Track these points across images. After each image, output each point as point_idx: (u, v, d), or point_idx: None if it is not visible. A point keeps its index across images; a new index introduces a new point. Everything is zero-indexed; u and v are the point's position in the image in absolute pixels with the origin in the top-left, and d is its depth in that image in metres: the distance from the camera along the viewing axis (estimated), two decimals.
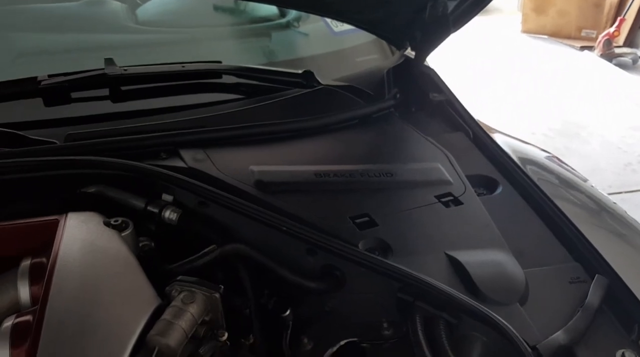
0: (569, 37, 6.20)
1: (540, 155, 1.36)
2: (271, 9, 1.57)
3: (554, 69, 5.26)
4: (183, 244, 0.91)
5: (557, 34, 6.29)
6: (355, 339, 0.83)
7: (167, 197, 0.92)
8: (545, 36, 6.33)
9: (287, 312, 0.84)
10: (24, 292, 0.76)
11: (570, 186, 1.22)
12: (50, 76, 1.07)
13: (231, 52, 1.45)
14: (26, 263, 0.79)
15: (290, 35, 1.48)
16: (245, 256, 0.83)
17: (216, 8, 1.63)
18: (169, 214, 0.89)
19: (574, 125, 4.06)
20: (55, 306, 0.66)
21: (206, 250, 0.84)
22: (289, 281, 0.82)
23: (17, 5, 1.49)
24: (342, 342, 0.83)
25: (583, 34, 6.17)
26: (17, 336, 0.67)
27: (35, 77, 1.08)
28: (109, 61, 1.10)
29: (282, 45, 1.45)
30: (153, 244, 0.87)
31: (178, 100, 1.17)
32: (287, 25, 1.50)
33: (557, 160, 1.39)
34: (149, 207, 0.90)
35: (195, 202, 0.91)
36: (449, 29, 1.15)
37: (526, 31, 6.47)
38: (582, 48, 5.88)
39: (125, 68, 1.11)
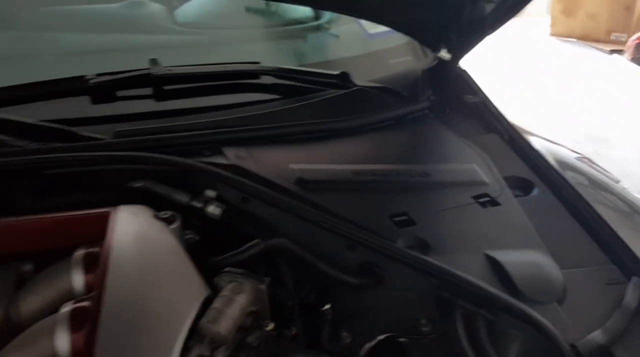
0: (598, 41, 6.13)
1: (571, 157, 1.36)
2: (305, 11, 1.60)
3: (583, 72, 5.21)
4: (223, 239, 0.94)
5: (586, 37, 6.22)
6: (392, 334, 0.85)
7: (210, 193, 0.96)
8: (574, 39, 6.27)
9: (327, 307, 0.86)
10: (77, 280, 0.80)
11: (603, 187, 1.22)
12: (98, 75, 1.11)
13: (266, 53, 1.48)
14: (80, 253, 0.83)
15: (324, 37, 1.50)
16: (288, 250, 0.86)
17: (250, 10, 1.67)
18: (212, 209, 0.93)
19: (602, 129, 4.01)
20: (112, 293, 0.69)
21: (250, 244, 0.86)
22: (330, 275, 0.85)
23: (62, 6, 1.55)
24: (380, 337, 0.85)
25: (612, 37, 6.09)
26: (76, 321, 0.70)
27: (84, 76, 1.12)
28: (154, 61, 1.14)
29: (316, 47, 1.48)
30: (197, 237, 0.90)
31: (217, 100, 1.20)
32: (321, 27, 1.52)
33: (588, 161, 1.39)
34: (193, 202, 0.94)
35: (238, 198, 0.94)
36: (485, 32, 1.16)
37: (555, 34, 6.42)
38: (612, 52, 5.81)
39: (169, 68, 1.15)
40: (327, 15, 1.52)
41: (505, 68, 5.16)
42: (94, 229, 0.88)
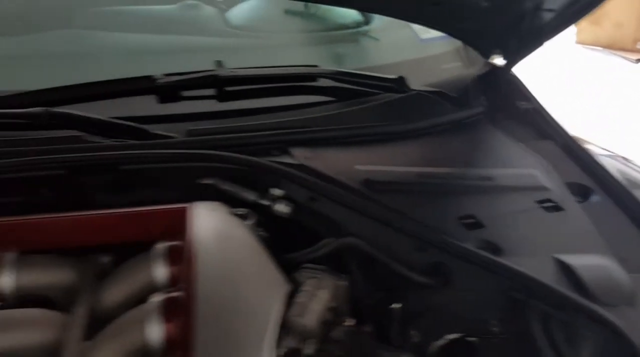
0: (624, 49, 6.09)
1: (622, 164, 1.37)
2: (355, 16, 1.63)
3: (608, 80, 5.18)
4: (286, 237, 0.97)
5: (612, 46, 6.18)
6: (462, 334, 0.87)
7: (277, 192, 0.98)
8: (600, 48, 6.23)
9: (396, 305, 0.88)
10: (160, 272, 0.83)
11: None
12: (166, 75, 1.14)
13: (316, 57, 1.50)
14: (160, 246, 0.86)
15: (375, 42, 1.53)
16: (360, 249, 0.88)
17: (298, 14, 1.70)
18: (282, 207, 0.95)
19: (630, 138, 3.99)
20: (204, 285, 0.72)
21: (324, 242, 0.89)
22: (402, 275, 0.87)
23: (118, 7, 1.59)
24: (450, 337, 0.87)
25: (639, 46, 6.05)
26: (169, 312, 0.73)
27: (151, 76, 1.15)
28: (218, 63, 1.17)
29: (367, 51, 1.50)
30: (267, 234, 0.93)
31: (276, 101, 1.23)
32: (372, 32, 1.55)
33: (621, 160, 1.39)
34: (260, 200, 0.96)
35: (306, 197, 0.97)
36: (543, 40, 1.18)
37: (580, 42, 6.38)
38: (638, 61, 5.77)
39: (233, 70, 1.18)
40: (379, 19, 1.54)
41: (530, 75, 5.14)
42: (170, 223, 0.91)
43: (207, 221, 0.86)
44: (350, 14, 1.62)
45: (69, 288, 0.84)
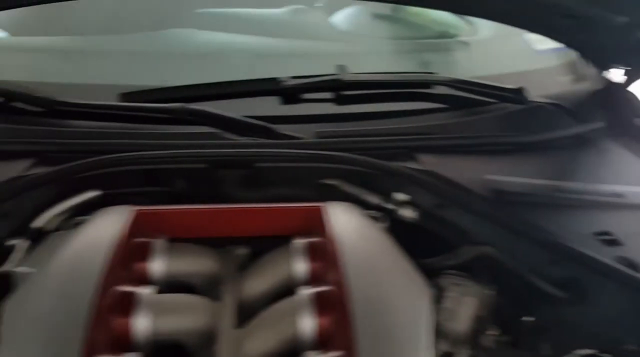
0: None
1: None
2: (461, 24, 1.63)
3: None
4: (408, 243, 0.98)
5: None
6: (594, 351, 0.86)
7: (400, 196, 0.99)
8: None
9: (528, 317, 0.88)
10: (300, 267, 0.86)
11: None
12: (292, 78, 1.17)
13: (426, 63, 1.51)
14: (300, 242, 0.89)
15: (486, 51, 1.52)
16: (496, 259, 0.88)
17: (399, 20, 1.72)
18: (407, 212, 0.97)
19: None
20: (355, 284, 0.74)
21: (461, 250, 0.90)
22: (536, 287, 0.86)
23: (230, 8, 1.65)
24: (581, 352, 0.86)
25: None
26: (321, 306, 0.76)
27: (277, 78, 1.19)
28: (341, 68, 1.20)
29: (478, 60, 1.49)
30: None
31: (392, 106, 1.24)
32: (484, 41, 1.55)
33: None
34: (385, 204, 0.98)
35: (433, 203, 0.98)
36: None
37: None
38: None
39: (354, 74, 1.20)
40: (488, 28, 1.54)
41: None
42: (305, 220, 0.94)
43: (345, 221, 0.88)
44: (456, 21, 1.63)
45: (212, 277, 0.88)
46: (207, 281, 0.88)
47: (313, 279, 0.84)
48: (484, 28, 1.58)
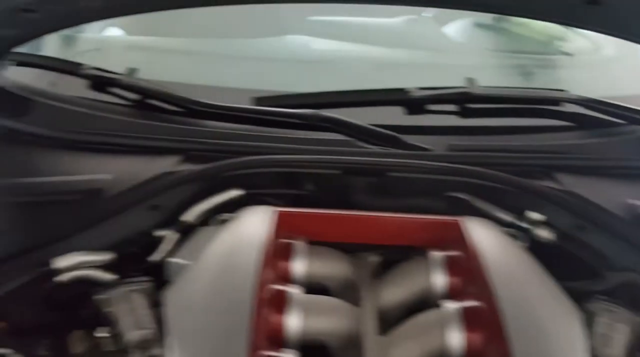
0: None
1: None
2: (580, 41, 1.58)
3: None
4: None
5: None
6: None
7: (534, 215, 0.97)
8: None
9: None
10: (439, 280, 0.86)
11: None
12: (420, 89, 1.18)
13: (557, 81, 1.47)
14: (438, 254, 0.89)
15: (607, 71, 1.48)
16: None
17: (510, 33, 1.69)
18: (543, 232, 0.95)
19: None
20: (505, 301, 0.73)
21: (608, 274, 0.87)
22: None
23: (343, 17, 1.67)
24: None
25: None
26: (470, 321, 0.75)
27: (404, 89, 1.19)
28: (470, 80, 1.19)
29: (601, 79, 1.45)
30: None
31: (517, 121, 1.22)
32: (603, 60, 1.50)
33: None
34: (519, 222, 0.96)
35: (572, 224, 0.96)
36: None
37: None
38: None
39: (484, 88, 1.18)
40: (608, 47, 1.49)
41: None
42: (440, 233, 0.94)
43: (487, 237, 0.87)
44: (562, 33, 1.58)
45: (347, 281, 0.90)
46: (342, 284, 0.90)
47: (451, 293, 0.84)
48: (607, 47, 1.53)
